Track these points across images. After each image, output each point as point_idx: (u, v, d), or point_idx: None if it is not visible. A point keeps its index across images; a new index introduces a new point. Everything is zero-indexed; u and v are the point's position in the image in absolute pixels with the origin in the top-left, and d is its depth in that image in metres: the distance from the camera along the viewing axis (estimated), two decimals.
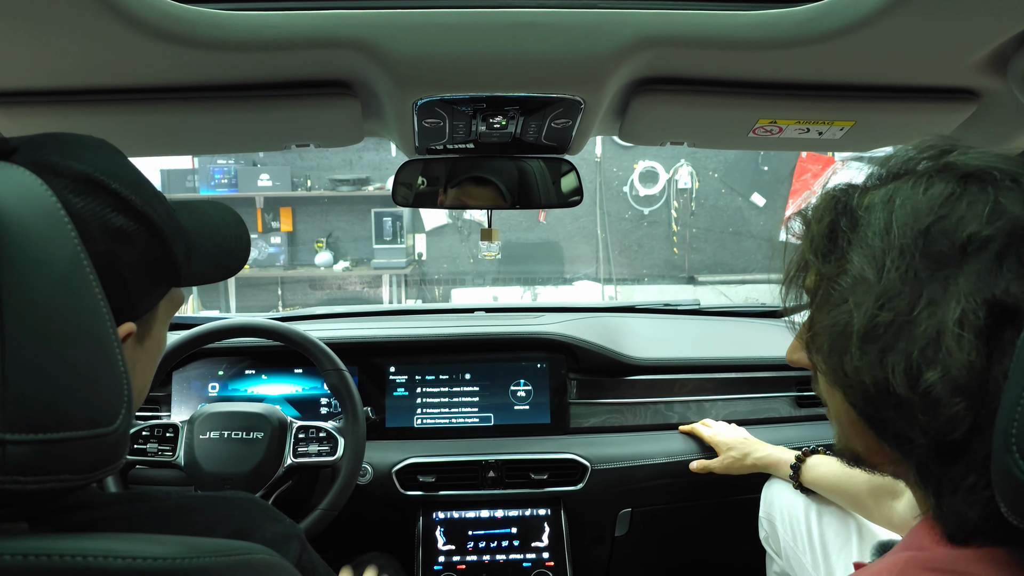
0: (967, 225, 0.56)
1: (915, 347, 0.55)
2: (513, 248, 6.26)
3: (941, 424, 0.55)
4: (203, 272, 0.79)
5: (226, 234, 0.83)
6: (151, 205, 0.68)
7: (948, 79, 1.03)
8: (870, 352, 0.58)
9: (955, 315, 0.54)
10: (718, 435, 1.70)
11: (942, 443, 0.56)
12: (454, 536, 1.69)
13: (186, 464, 1.44)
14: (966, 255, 0.56)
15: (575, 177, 1.41)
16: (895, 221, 0.59)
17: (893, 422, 0.59)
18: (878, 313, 0.57)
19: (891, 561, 0.60)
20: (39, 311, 0.48)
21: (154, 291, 0.71)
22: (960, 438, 0.55)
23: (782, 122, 1.13)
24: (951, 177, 0.59)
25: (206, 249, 0.79)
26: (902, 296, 0.57)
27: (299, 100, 1.04)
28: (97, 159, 0.66)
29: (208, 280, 0.81)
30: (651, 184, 6.18)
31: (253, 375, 1.80)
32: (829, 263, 0.64)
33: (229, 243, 0.83)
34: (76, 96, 1.02)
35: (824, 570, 1.36)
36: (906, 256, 0.57)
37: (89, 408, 0.50)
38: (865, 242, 0.60)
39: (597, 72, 0.97)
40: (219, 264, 0.82)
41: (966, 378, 0.54)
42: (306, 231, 6.35)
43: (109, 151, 0.69)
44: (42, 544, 0.46)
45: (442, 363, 1.83)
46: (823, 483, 1.41)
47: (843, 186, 0.67)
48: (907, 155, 0.64)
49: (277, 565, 0.57)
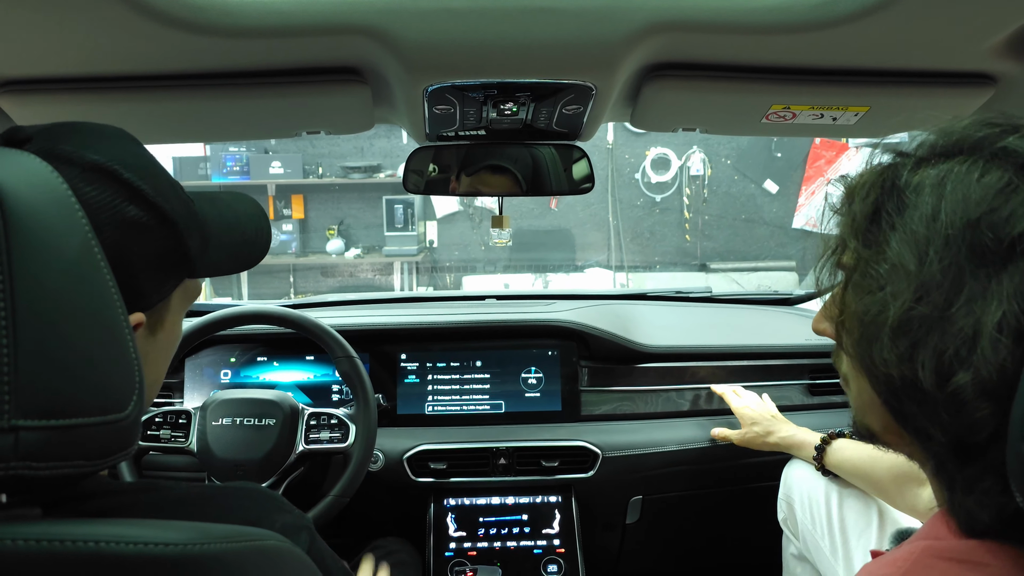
0: (1019, 222, 0.52)
1: (949, 345, 0.53)
2: (524, 235, 6.25)
3: (964, 426, 0.53)
4: (220, 263, 0.78)
5: (247, 226, 0.83)
6: (164, 196, 0.68)
7: (964, 63, 1.02)
8: (900, 345, 0.56)
9: (995, 317, 0.51)
10: (745, 408, 1.68)
11: (962, 444, 0.55)
12: (465, 522, 1.70)
13: (199, 450, 1.45)
14: (1013, 254, 0.52)
15: (586, 164, 1.40)
16: (944, 208, 0.55)
17: (915, 416, 0.57)
18: (914, 306, 0.55)
19: (908, 550, 0.59)
20: (51, 298, 0.48)
21: (166, 282, 0.71)
22: (981, 441, 0.53)
23: (796, 108, 1.12)
24: (1009, 165, 0.55)
25: (224, 241, 0.79)
26: (941, 290, 0.54)
27: (309, 87, 1.04)
28: (111, 148, 0.66)
29: (226, 271, 0.80)
30: (663, 171, 6.15)
31: (265, 362, 1.80)
32: (869, 246, 0.60)
33: (249, 235, 0.83)
34: (87, 84, 1.02)
35: (842, 554, 1.36)
36: (951, 248, 0.54)
37: (101, 394, 0.50)
38: (909, 227, 0.57)
39: (608, 58, 0.96)
40: (238, 256, 0.82)
41: (996, 383, 0.52)
42: (318, 218, 6.36)
43: (125, 140, 0.69)
44: (55, 529, 0.46)
45: (453, 350, 1.83)
46: (847, 467, 1.40)
47: (892, 158, 0.63)
48: (966, 130, 0.59)
49: (287, 551, 0.58)
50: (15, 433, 0.45)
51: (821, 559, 1.42)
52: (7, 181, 0.47)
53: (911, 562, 0.58)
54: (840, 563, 1.36)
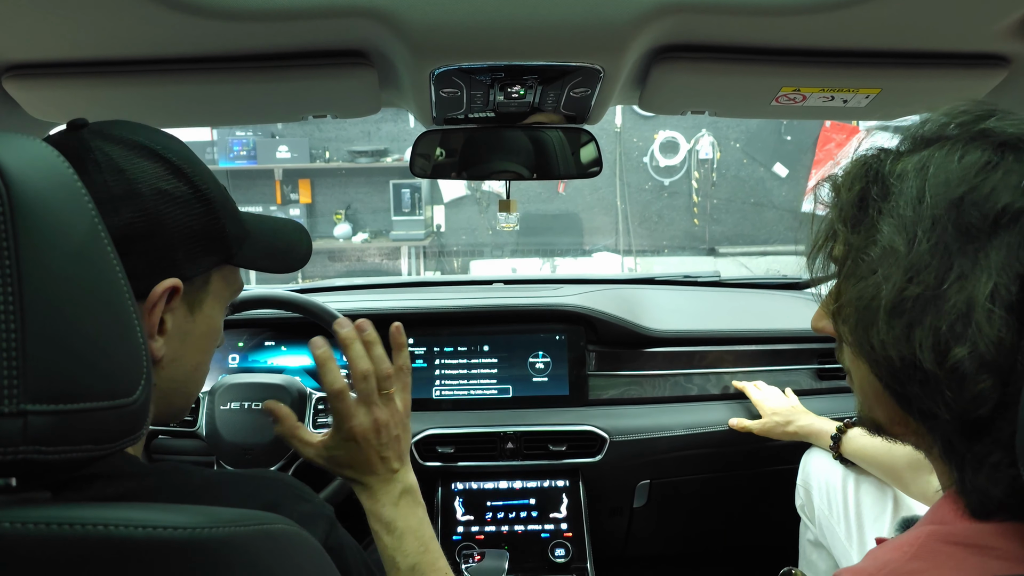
0: (1000, 196, 0.54)
1: (943, 322, 0.54)
2: (532, 220, 6.24)
3: (967, 401, 0.54)
4: (257, 258, 0.82)
5: (287, 236, 0.89)
6: (201, 177, 0.74)
7: (977, 45, 1.01)
8: (897, 326, 0.57)
9: (986, 290, 0.53)
10: (765, 400, 1.69)
11: (967, 420, 0.55)
12: (473, 507, 1.70)
13: (207, 434, 1.46)
14: (998, 228, 0.54)
15: (594, 147, 1.39)
16: (928, 190, 0.57)
17: (918, 397, 0.58)
18: (906, 286, 0.56)
19: (913, 535, 0.59)
20: (58, 282, 0.48)
21: (202, 258, 0.75)
22: (986, 415, 0.54)
23: (806, 90, 1.11)
24: (988, 145, 0.57)
25: (263, 240, 0.83)
26: (930, 269, 0.55)
27: (316, 70, 1.04)
28: (154, 135, 0.74)
29: (262, 268, 0.84)
30: (671, 154, 6.12)
31: (273, 346, 1.81)
32: (858, 233, 0.62)
33: (287, 244, 0.88)
34: (93, 68, 1.02)
35: (857, 540, 1.36)
36: (937, 227, 0.55)
37: (109, 379, 0.51)
38: (896, 212, 0.58)
39: (617, 40, 0.95)
40: (274, 256, 0.85)
41: (994, 355, 0.53)
42: (325, 203, 6.36)
43: (165, 135, 0.76)
44: (64, 513, 0.46)
45: (460, 335, 1.83)
46: (863, 455, 1.41)
47: (875, 151, 0.65)
48: (942, 120, 0.61)
49: (296, 536, 0.58)
50: (24, 417, 0.46)
51: (836, 545, 1.42)
52: (13, 166, 0.47)
53: (917, 547, 0.58)
54: (855, 549, 1.36)
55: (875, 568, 0.59)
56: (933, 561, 0.57)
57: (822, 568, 1.53)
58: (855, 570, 0.60)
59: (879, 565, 0.59)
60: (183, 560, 0.48)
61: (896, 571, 0.57)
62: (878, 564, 0.59)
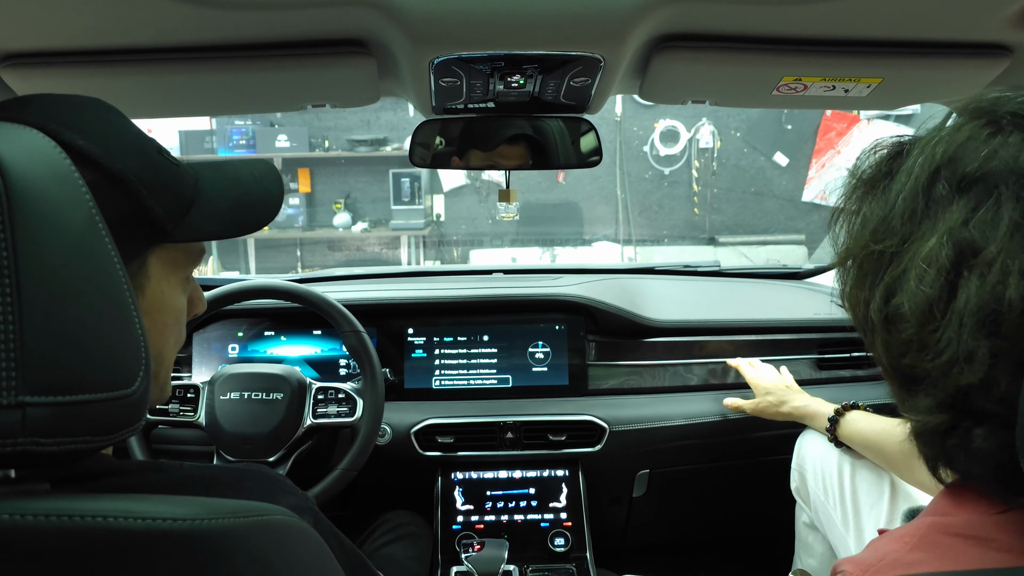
0: (971, 163, 0.56)
1: (892, 277, 0.59)
2: (532, 209, 6.22)
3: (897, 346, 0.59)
4: (205, 229, 0.73)
5: (251, 188, 0.79)
6: (115, 157, 0.64)
7: (979, 34, 1.00)
8: (862, 279, 0.62)
9: (924, 251, 0.56)
10: (759, 378, 1.67)
11: (897, 367, 0.60)
12: (473, 496, 1.71)
13: (207, 424, 1.46)
14: (960, 191, 0.56)
15: (594, 137, 1.39)
16: (919, 162, 0.60)
17: (871, 346, 0.63)
18: (877, 242, 0.60)
19: (914, 527, 0.60)
20: (56, 273, 0.48)
21: (127, 243, 0.65)
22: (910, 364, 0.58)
23: (807, 79, 1.10)
24: (986, 120, 0.58)
25: (218, 203, 0.75)
26: (895, 234, 0.59)
27: (314, 59, 1.03)
28: (58, 111, 0.64)
29: (220, 236, 0.75)
30: (672, 144, 6.11)
31: (272, 336, 1.81)
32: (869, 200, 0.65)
33: (252, 198, 0.78)
34: (91, 57, 1.01)
35: (853, 525, 1.37)
36: (914, 194, 0.59)
37: (108, 370, 0.50)
38: (894, 184, 0.61)
39: (617, 28, 0.94)
40: (235, 219, 0.76)
41: (925, 309, 0.56)
42: (324, 192, 6.35)
43: (85, 105, 0.67)
44: (63, 505, 0.46)
45: (460, 325, 1.83)
46: (859, 439, 1.40)
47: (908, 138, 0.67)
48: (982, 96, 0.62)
49: (296, 526, 0.58)
50: (22, 409, 0.45)
51: (832, 529, 1.43)
52: (9, 156, 0.47)
53: (917, 538, 0.58)
54: (851, 534, 1.37)
55: (875, 558, 0.59)
56: (933, 552, 0.57)
57: (818, 550, 1.53)
58: (855, 560, 0.61)
59: (879, 555, 0.59)
60: (182, 551, 0.48)
61: (896, 561, 0.58)
62: (878, 554, 0.59)
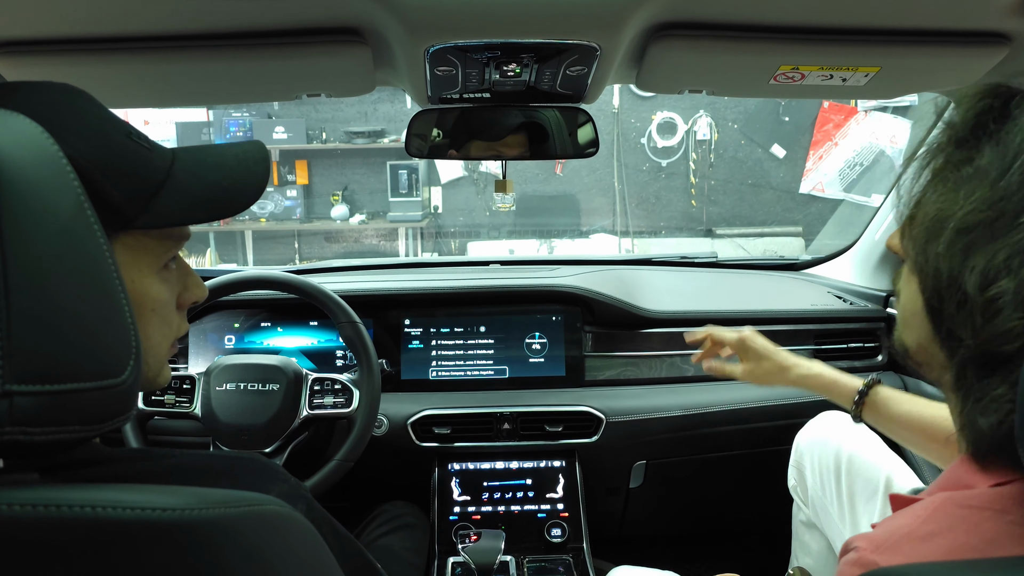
0: None
1: (1002, 253, 0.55)
2: (529, 201, 6.21)
3: (995, 334, 0.55)
4: (175, 213, 0.70)
5: (232, 171, 0.76)
6: (64, 140, 0.58)
7: (977, 22, 0.99)
8: (957, 243, 0.58)
9: None
10: (749, 339, 1.42)
11: (989, 352, 0.56)
12: (469, 487, 1.71)
13: (203, 415, 1.45)
14: None
15: (591, 128, 1.38)
16: None
17: (951, 317, 0.59)
18: (984, 210, 0.56)
19: (928, 502, 0.60)
20: (44, 261, 0.48)
21: None
22: (1008, 352, 0.55)
23: (804, 68, 1.09)
24: None
25: (192, 187, 0.72)
26: (1012, 201, 0.55)
27: (308, 48, 1.02)
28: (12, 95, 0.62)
29: (188, 221, 0.72)
30: (669, 135, 6.09)
31: (269, 327, 1.80)
32: (962, 150, 0.62)
33: (231, 180, 0.75)
34: (85, 45, 1.00)
35: (849, 519, 1.36)
36: None
37: (97, 359, 0.50)
38: (1004, 140, 0.58)
39: (613, 17, 0.94)
40: (207, 203, 0.73)
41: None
42: (322, 184, 6.33)
43: (43, 88, 0.64)
44: (52, 495, 0.46)
45: (457, 316, 1.83)
46: (898, 418, 1.23)
47: (1005, 87, 0.64)
48: None
49: (288, 516, 0.57)
50: (9, 398, 0.45)
51: (829, 524, 1.43)
52: None
53: (932, 510, 0.58)
54: (847, 528, 1.37)
55: (888, 533, 0.59)
56: (948, 523, 0.57)
57: (815, 548, 1.53)
58: (868, 536, 0.60)
59: (893, 528, 0.59)
60: (172, 542, 0.47)
61: (910, 534, 0.58)
62: (892, 527, 0.59)
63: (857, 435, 1.47)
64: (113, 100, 1.30)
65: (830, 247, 2.35)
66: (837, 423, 1.52)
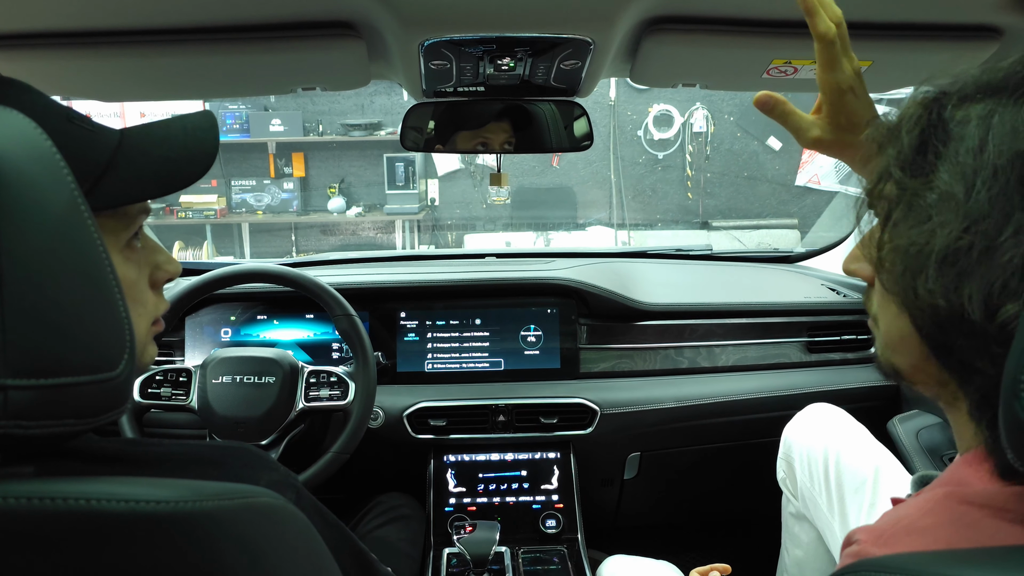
0: None
1: (997, 277, 0.52)
2: (526, 193, 6.22)
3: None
4: (132, 190, 0.70)
5: (181, 142, 0.74)
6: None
7: (969, 16, 1.00)
8: (947, 275, 0.55)
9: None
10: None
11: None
12: (465, 479, 1.71)
13: (199, 408, 1.46)
14: None
15: (586, 121, 1.39)
16: (991, 140, 0.54)
17: (962, 349, 0.56)
18: (962, 236, 0.54)
19: (929, 496, 0.59)
20: (38, 256, 0.48)
21: None
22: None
23: (797, 62, 1.10)
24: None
25: (141, 165, 0.71)
26: (988, 220, 0.53)
27: (303, 42, 1.03)
28: None
29: (141, 197, 0.71)
30: (666, 128, 6.10)
31: (265, 320, 1.81)
32: (916, 176, 0.59)
33: (179, 152, 0.74)
34: (78, 39, 1.00)
35: (838, 510, 1.37)
36: (999, 178, 0.53)
37: (91, 353, 0.50)
38: (956, 159, 0.56)
39: (606, 11, 0.94)
40: (158, 177, 0.72)
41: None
42: (318, 177, 6.33)
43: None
44: (47, 488, 0.46)
45: (453, 308, 1.83)
46: None
47: (935, 93, 0.62)
48: (1010, 68, 0.58)
49: (281, 508, 0.58)
50: (4, 393, 0.45)
51: (819, 515, 1.43)
52: None
53: (932, 504, 0.58)
54: (836, 518, 1.37)
55: (889, 525, 0.59)
56: (947, 518, 0.57)
57: (804, 540, 1.54)
58: (869, 528, 0.61)
59: (893, 520, 0.59)
60: (166, 534, 0.48)
61: (909, 527, 0.58)
62: (892, 520, 0.60)
63: (845, 428, 1.48)
64: (109, 94, 1.31)
65: (825, 239, 2.36)
66: (825, 416, 1.53)
